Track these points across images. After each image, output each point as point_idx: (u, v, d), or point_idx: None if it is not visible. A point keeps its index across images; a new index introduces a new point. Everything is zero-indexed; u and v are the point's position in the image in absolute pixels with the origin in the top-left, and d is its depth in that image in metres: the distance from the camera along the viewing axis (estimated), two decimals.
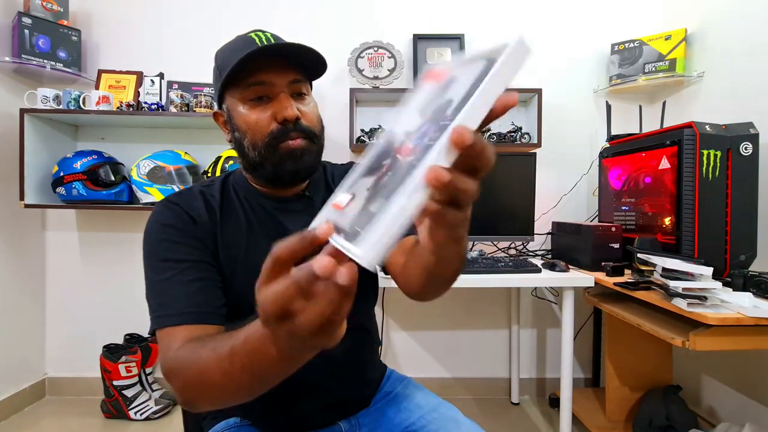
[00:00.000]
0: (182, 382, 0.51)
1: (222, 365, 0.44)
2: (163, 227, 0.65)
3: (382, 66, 1.93)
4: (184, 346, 0.55)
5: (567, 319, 1.47)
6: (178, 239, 0.64)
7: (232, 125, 0.69)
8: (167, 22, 2.02)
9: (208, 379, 0.47)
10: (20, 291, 1.91)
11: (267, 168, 0.67)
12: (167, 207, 0.67)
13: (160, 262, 0.63)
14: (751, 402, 1.47)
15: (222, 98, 0.69)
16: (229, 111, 0.69)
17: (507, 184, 1.78)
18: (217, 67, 0.69)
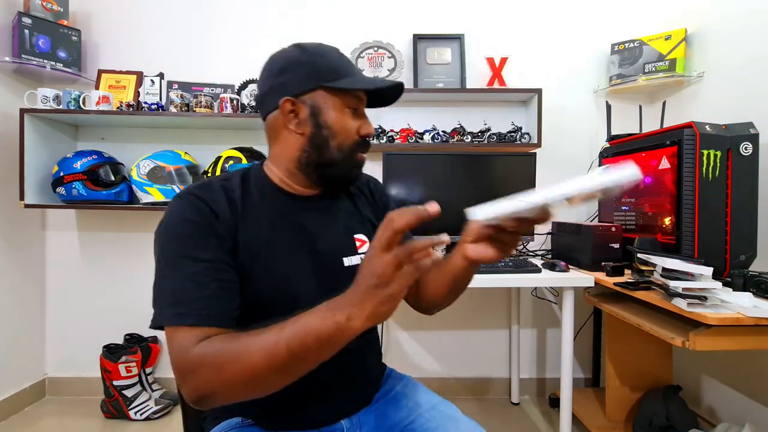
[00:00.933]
0: (207, 374, 0.53)
1: (265, 349, 0.51)
2: (184, 222, 0.63)
3: (382, 66, 1.93)
4: (206, 343, 0.56)
5: (567, 319, 1.47)
6: (198, 236, 0.63)
7: (316, 120, 0.70)
8: (167, 22, 2.02)
9: (246, 363, 0.51)
10: (20, 291, 1.91)
11: (338, 169, 0.72)
12: (189, 200, 0.65)
13: (179, 258, 0.61)
14: (751, 402, 1.47)
15: (305, 91, 0.69)
16: (318, 107, 0.70)
17: (507, 184, 1.78)
18: (313, 63, 0.70)
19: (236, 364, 0.52)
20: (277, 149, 0.74)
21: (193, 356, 0.55)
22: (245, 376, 0.52)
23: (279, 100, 0.69)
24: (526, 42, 2.04)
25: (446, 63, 1.99)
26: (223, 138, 2.00)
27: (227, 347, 0.54)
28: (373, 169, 2.02)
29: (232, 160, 1.78)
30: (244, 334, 0.55)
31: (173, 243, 0.62)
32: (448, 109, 2.04)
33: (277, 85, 0.70)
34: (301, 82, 0.69)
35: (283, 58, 0.72)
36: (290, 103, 0.69)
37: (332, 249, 0.74)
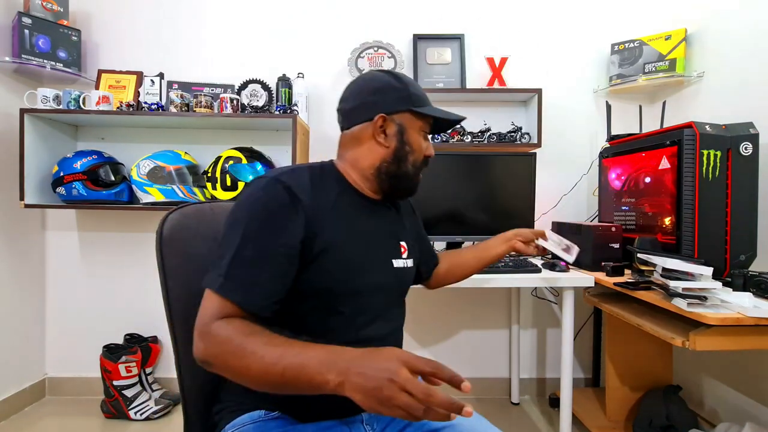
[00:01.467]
0: (216, 350, 0.60)
1: (264, 362, 0.56)
2: (264, 205, 0.69)
3: (382, 66, 1.93)
4: (231, 323, 0.62)
5: (567, 319, 1.47)
6: (272, 223, 0.68)
7: (402, 137, 0.81)
8: (167, 22, 2.02)
9: (245, 363, 0.58)
10: (20, 291, 1.91)
11: (404, 181, 0.83)
12: (275, 186, 0.70)
13: (247, 237, 0.66)
14: (751, 402, 1.47)
15: (396, 111, 0.80)
16: (405, 127, 0.81)
17: (507, 184, 1.78)
18: (403, 88, 0.81)
19: (236, 359, 0.59)
20: (358, 155, 0.82)
21: (213, 328, 0.61)
22: (240, 371, 0.59)
23: (374, 115, 0.79)
24: (526, 42, 2.04)
25: (446, 63, 1.99)
26: (223, 138, 2.00)
27: (238, 340, 0.60)
28: None
29: (232, 160, 1.78)
30: (258, 334, 0.61)
31: (247, 221, 0.68)
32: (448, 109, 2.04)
33: (371, 103, 0.80)
34: (394, 103, 0.80)
35: (377, 80, 0.82)
36: (383, 119, 0.79)
37: (386, 250, 0.83)
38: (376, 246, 0.80)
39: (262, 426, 0.73)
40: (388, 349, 0.53)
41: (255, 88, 1.93)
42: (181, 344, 0.80)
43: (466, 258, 1.10)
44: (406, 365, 0.50)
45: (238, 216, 0.69)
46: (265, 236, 0.67)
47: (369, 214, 0.82)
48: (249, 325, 0.63)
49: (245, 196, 0.71)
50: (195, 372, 0.81)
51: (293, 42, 2.02)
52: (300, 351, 0.57)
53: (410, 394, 0.48)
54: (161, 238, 0.79)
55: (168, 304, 0.78)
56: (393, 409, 0.48)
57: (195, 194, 1.81)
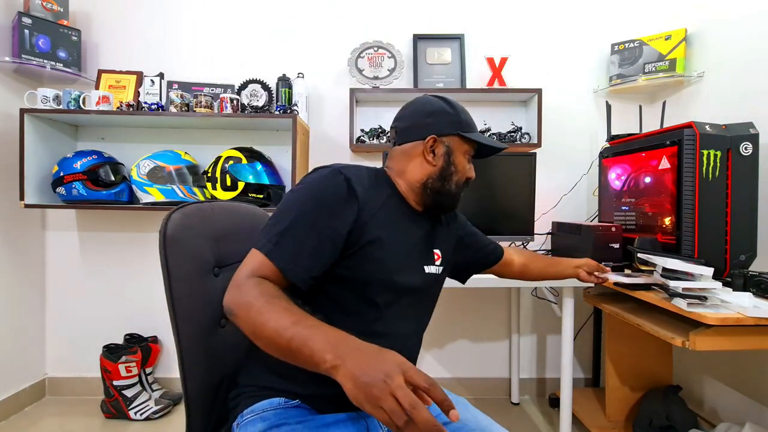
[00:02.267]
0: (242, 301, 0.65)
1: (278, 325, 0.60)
2: (323, 189, 0.75)
3: (382, 66, 1.93)
4: (263, 282, 0.67)
5: (567, 319, 1.47)
6: (327, 208, 0.74)
7: (449, 158, 0.87)
8: (167, 22, 2.02)
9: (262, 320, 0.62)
10: (20, 291, 1.91)
11: (447, 198, 0.88)
12: (336, 176, 0.77)
13: (301, 214, 0.73)
14: (751, 402, 1.47)
15: (446, 134, 0.87)
16: (452, 149, 0.87)
17: (507, 184, 1.78)
18: (453, 113, 0.88)
19: (257, 314, 0.63)
20: (407, 168, 0.88)
21: (248, 283, 0.67)
22: (255, 327, 0.62)
23: (426, 135, 0.86)
24: (526, 42, 2.04)
25: (446, 63, 1.99)
26: (223, 138, 2.00)
27: (264, 298, 0.64)
28: None
29: (232, 160, 1.78)
30: (282, 300, 0.65)
31: (305, 200, 0.75)
32: None
33: (424, 124, 0.87)
34: (445, 126, 0.87)
35: (432, 104, 0.89)
36: (433, 140, 0.86)
37: (421, 256, 0.88)
38: (412, 250, 0.86)
39: (282, 413, 0.74)
40: (393, 354, 0.54)
41: (255, 88, 1.93)
42: (184, 343, 0.80)
43: (539, 266, 1.18)
44: (403, 374, 0.50)
45: (299, 195, 0.76)
46: (318, 217, 0.73)
47: (411, 221, 0.88)
48: (278, 290, 0.67)
49: (309, 179, 0.78)
50: (198, 371, 0.81)
51: (293, 42, 2.02)
52: (311, 325, 0.59)
53: (397, 400, 0.48)
54: (165, 237, 0.79)
55: (172, 302, 0.78)
56: (377, 410, 0.49)
57: (195, 194, 1.81)
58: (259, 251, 0.71)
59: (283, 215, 0.74)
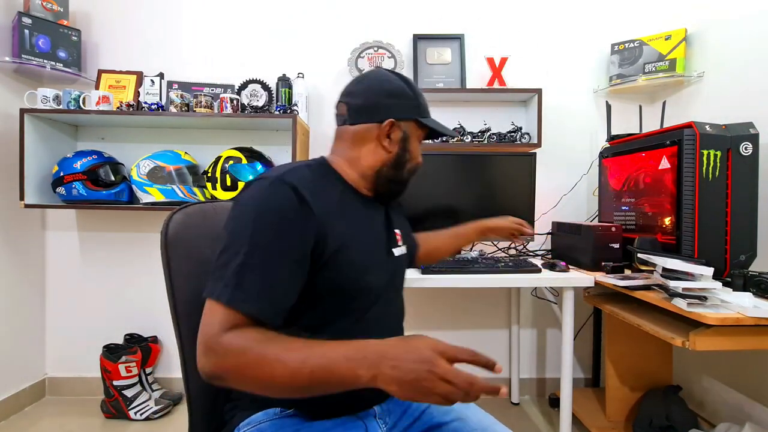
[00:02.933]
0: (230, 363, 0.57)
1: (290, 368, 0.55)
2: (274, 210, 0.66)
3: (382, 66, 1.93)
4: (243, 333, 0.60)
5: (567, 319, 1.47)
6: (285, 229, 0.65)
7: (405, 145, 0.83)
8: (167, 22, 2.02)
9: (268, 372, 0.56)
10: (20, 291, 1.90)
11: (398, 186, 0.85)
12: (284, 190, 0.67)
13: (258, 245, 0.63)
14: (751, 402, 1.47)
15: (404, 119, 0.82)
16: (408, 135, 0.83)
17: (507, 184, 1.78)
18: (415, 97, 0.83)
19: (257, 368, 0.57)
20: (359, 154, 0.82)
21: (225, 341, 0.58)
22: (261, 381, 0.57)
23: (384, 118, 0.80)
24: (526, 42, 2.04)
25: (446, 63, 1.99)
26: (223, 138, 2.00)
27: (256, 350, 0.58)
28: None
29: (232, 160, 1.78)
30: (276, 341, 0.59)
31: (254, 225, 0.64)
32: (448, 109, 2.04)
33: (383, 106, 0.81)
34: (405, 110, 0.82)
35: (391, 83, 0.83)
36: (392, 124, 0.80)
37: (385, 242, 0.85)
38: (377, 240, 0.82)
39: (278, 423, 0.73)
40: (418, 339, 0.55)
41: (255, 88, 1.93)
42: (186, 343, 0.80)
43: (442, 242, 1.18)
44: (442, 356, 0.53)
45: (243, 220, 0.65)
46: (274, 241, 0.64)
47: (367, 211, 0.83)
48: (263, 332, 0.61)
49: (248, 198, 0.67)
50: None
51: (293, 42, 2.02)
52: (324, 351, 0.57)
53: (451, 383, 0.51)
54: (166, 238, 0.78)
55: (173, 303, 0.78)
56: (431, 397, 0.51)
57: (195, 194, 1.81)
58: (217, 302, 0.61)
59: (232, 249, 0.63)
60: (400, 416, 0.83)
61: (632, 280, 1.32)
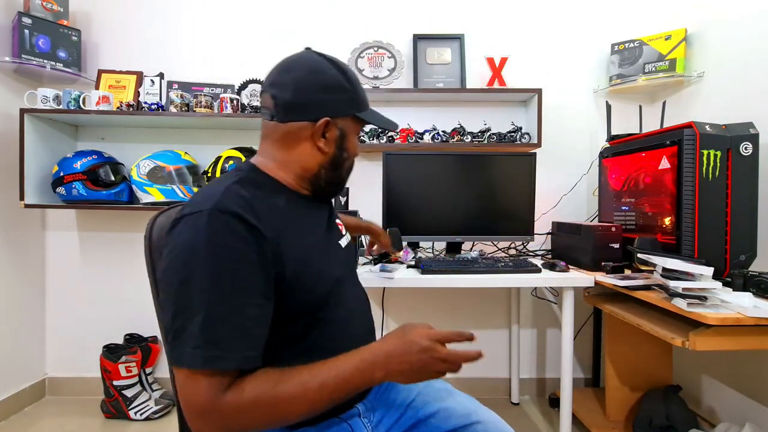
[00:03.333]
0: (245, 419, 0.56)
1: (310, 399, 0.58)
2: (223, 248, 0.58)
3: (382, 66, 1.93)
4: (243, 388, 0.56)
5: (567, 319, 1.47)
6: (241, 266, 0.59)
7: (341, 143, 0.76)
8: (167, 22, 2.02)
9: (287, 410, 0.58)
10: (20, 291, 1.90)
11: (338, 186, 0.81)
12: (226, 221, 0.60)
13: (217, 292, 0.57)
14: (751, 402, 1.47)
15: (341, 116, 0.75)
16: (346, 132, 0.77)
17: (507, 184, 1.78)
18: (351, 90, 0.76)
19: (276, 413, 0.58)
20: (292, 156, 0.75)
21: (228, 403, 0.55)
22: (281, 421, 0.59)
23: (319, 116, 0.72)
24: (526, 42, 2.04)
25: (446, 63, 1.99)
26: (223, 138, 2.00)
27: (267, 396, 0.57)
28: (373, 169, 2.02)
29: (232, 160, 1.78)
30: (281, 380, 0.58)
31: (210, 272, 0.57)
32: (448, 109, 2.04)
33: (317, 102, 0.72)
34: (341, 107, 0.74)
35: (326, 75, 0.73)
36: (327, 123, 0.73)
37: (334, 236, 0.84)
38: (326, 240, 0.80)
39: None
40: (411, 332, 0.63)
41: (255, 88, 1.93)
42: None
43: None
44: (439, 341, 0.63)
45: (189, 268, 0.57)
46: (233, 282, 0.57)
47: (312, 212, 0.79)
48: (263, 376, 0.58)
49: (187, 241, 0.58)
50: None
51: (293, 42, 2.02)
52: (336, 372, 0.59)
53: (448, 362, 0.61)
54: (150, 243, 0.76)
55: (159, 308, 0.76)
56: (432, 375, 0.62)
57: None
58: (189, 369, 0.54)
59: (188, 304, 0.56)
60: (384, 412, 0.83)
61: (632, 280, 1.32)
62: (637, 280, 1.32)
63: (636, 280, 1.32)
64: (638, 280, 1.31)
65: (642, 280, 1.31)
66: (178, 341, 0.56)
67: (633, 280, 1.32)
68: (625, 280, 1.34)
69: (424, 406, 0.82)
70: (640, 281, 1.30)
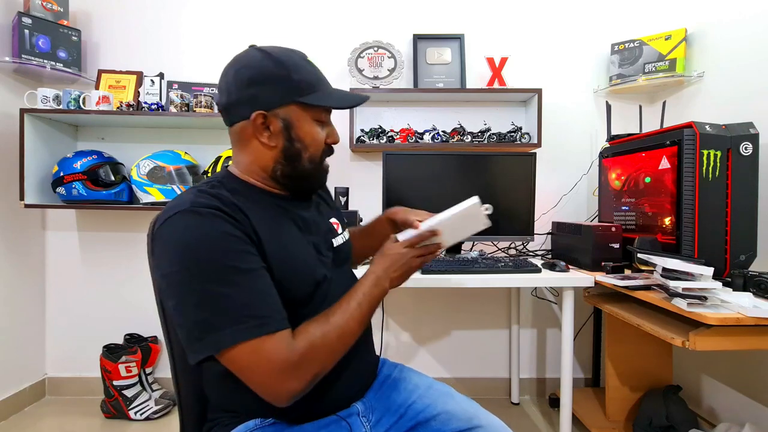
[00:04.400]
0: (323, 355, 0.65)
1: (355, 316, 0.69)
2: (221, 235, 0.61)
3: (382, 66, 1.93)
4: (303, 335, 0.64)
5: (567, 319, 1.47)
6: (238, 246, 0.62)
7: (289, 134, 0.71)
8: (167, 22, 2.02)
9: (347, 333, 0.68)
10: (20, 291, 1.91)
11: (312, 177, 0.77)
12: (210, 214, 0.62)
13: (230, 275, 0.59)
14: (751, 402, 1.47)
15: (279, 105, 0.70)
16: (291, 121, 0.71)
17: (507, 184, 1.78)
18: (289, 77, 0.70)
19: (342, 337, 0.67)
20: (247, 158, 0.74)
21: (301, 349, 0.62)
22: (347, 343, 0.69)
23: (250, 112, 0.69)
24: (526, 42, 2.04)
25: (446, 63, 1.99)
26: (223, 138, 2.00)
27: (328, 328, 0.66)
28: (373, 169, 2.02)
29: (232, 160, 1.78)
30: (325, 317, 0.68)
31: (215, 261, 0.59)
32: (448, 109, 2.04)
33: (247, 97, 0.69)
34: (274, 96, 0.69)
35: (252, 68, 0.70)
36: (262, 117, 0.69)
37: (324, 234, 0.82)
38: (313, 240, 0.77)
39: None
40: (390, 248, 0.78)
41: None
42: (176, 349, 0.79)
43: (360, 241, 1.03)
44: (409, 246, 0.78)
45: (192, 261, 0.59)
46: (240, 264, 0.61)
47: (296, 211, 0.77)
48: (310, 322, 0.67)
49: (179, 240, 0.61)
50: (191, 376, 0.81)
51: (293, 42, 2.02)
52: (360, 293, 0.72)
53: (422, 255, 0.79)
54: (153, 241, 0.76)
55: (162, 309, 0.77)
56: (415, 268, 0.78)
57: None
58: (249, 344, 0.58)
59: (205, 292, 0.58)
60: (383, 413, 0.82)
61: (632, 280, 1.32)
62: (637, 280, 1.32)
63: (636, 280, 1.32)
64: (638, 280, 1.31)
65: (642, 280, 1.31)
66: (212, 331, 0.58)
67: (633, 280, 1.32)
68: (625, 280, 1.34)
69: (425, 409, 0.82)
70: (640, 281, 1.30)
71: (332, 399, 0.77)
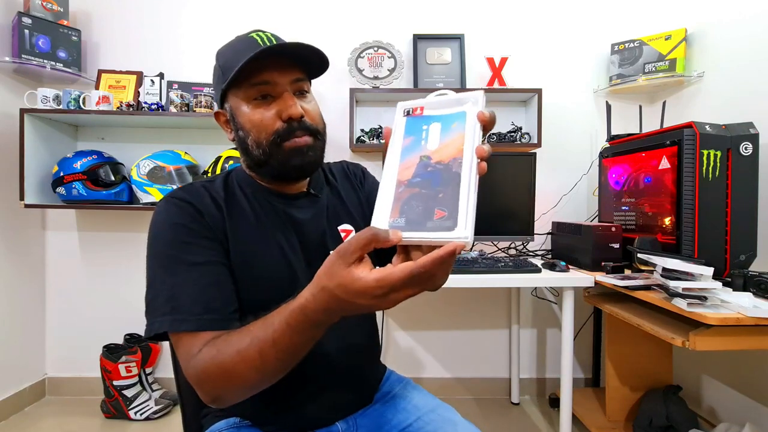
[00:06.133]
0: (215, 380, 0.55)
1: (264, 352, 0.51)
2: (173, 226, 0.64)
3: (382, 66, 1.93)
4: (208, 348, 0.56)
5: (567, 319, 1.47)
6: (190, 239, 0.63)
7: (235, 124, 0.70)
8: (167, 22, 2.02)
9: (245, 368, 0.53)
10: (20, 291, 1.90)
11: (273, 165, 0.68)
12: (175, 204, 0.66)
13: (173, 264, 0.62)
14: (751, 402, 1.47)
15: (224, 98, 0.70)
16: (233, 110, 0.69)
17: (507, 184, 1.78)
18: (219, 67, 0.70)
19: (241, 363, 0.53)
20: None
21: (199, 362, 0.56)
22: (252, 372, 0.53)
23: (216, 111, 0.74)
24: (526, 42, 2.04)
25: (446, 63, 1.99)
26: (223, 138, 2.00)
27: (228, 349, 0.54)
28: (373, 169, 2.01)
29: (232, 160, 1.78)
30: (240, 332, 0.55)
31: (164, 248, 0.63)
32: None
33: (212, 99, 0.74)
34: (218, 91, 0.71)
35: (214, 72, 0.73)
36: (220, 114, 0.73)
37: (320, 239, 0.74)
38: (303, 241, 0.72)
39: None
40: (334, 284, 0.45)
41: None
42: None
43: None
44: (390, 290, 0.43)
45: (153, 248, 0.64)
46: (186, 252, 0.62)
47: (292, 210, 0.73)
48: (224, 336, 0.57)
49: (151, 224, 0.65)
50: None
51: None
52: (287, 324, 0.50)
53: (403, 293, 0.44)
54: None
55: None
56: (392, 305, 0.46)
57: None
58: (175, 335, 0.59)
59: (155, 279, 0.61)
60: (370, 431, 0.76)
61: (632, 280, 1.32)
62: (637, 280, 1.32)
63: (636, 280, 1.32)
64: (638, 280, 1.31)
65: (642, 280, 1.31)
66: (149, 313, 0.61)
67: (633, 280, 1.32)
68: (625, 280, 1.34)
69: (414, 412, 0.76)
70: (640, 281, 1.30)
71: (309, 417, 0.73)
